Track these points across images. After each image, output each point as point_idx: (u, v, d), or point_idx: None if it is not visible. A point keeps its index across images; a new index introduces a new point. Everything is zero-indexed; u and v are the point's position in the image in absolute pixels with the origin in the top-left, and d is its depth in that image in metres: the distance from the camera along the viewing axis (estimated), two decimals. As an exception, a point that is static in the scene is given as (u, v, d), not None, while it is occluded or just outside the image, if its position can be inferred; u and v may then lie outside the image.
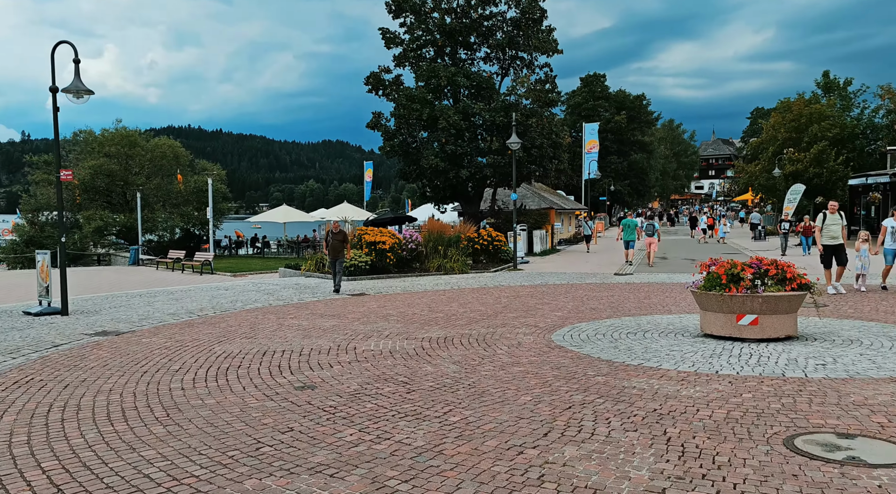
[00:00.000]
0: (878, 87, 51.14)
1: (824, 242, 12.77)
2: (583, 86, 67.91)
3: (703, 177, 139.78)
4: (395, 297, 14.45)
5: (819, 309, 8.93)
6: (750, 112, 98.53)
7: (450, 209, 34.85)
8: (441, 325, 10.32)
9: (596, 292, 14.58)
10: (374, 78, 30.20)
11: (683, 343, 8.25)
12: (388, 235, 19.89)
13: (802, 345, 7.88)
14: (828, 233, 12.72)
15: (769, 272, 8.14)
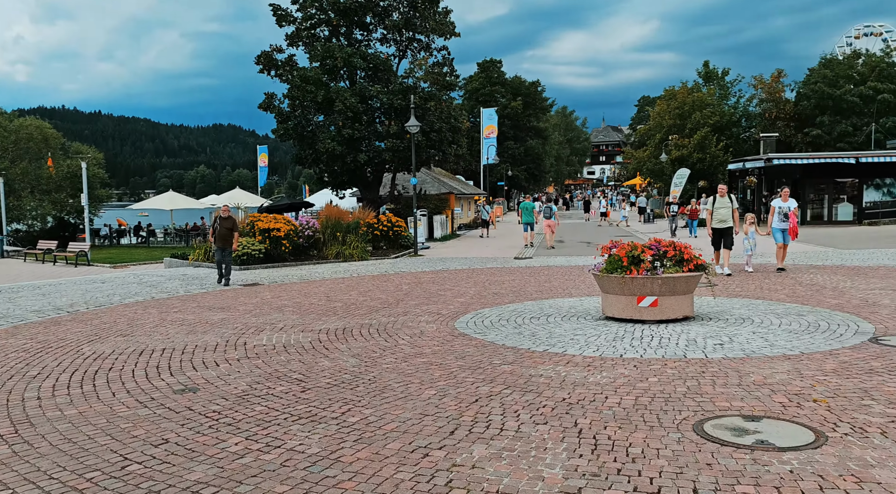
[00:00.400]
0: (752, 77, 54.72)
1: (713, 225, 12.86)
2: (480, 71, 68.35)
3: (595, 163, 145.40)
4: (290, 286, 13.74)
5: (712, 289, 9.15)
6: (637, 100, 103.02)
7: (348, 195, 34.04)
8: (339, 315, 9.80)
9: (498, 276, 14.48)
10: (265, 57, 28.81)
11: (586, 327, 8.19)
12: (284, 221, 19.00)
13: (699, 325, 8.00)
14: (717, 216, 12.80)
15: (668, 254, 8.20)
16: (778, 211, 12.92)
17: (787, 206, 12.84)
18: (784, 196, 13.06)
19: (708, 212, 13.00)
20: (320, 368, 6.54)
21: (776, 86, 49.53)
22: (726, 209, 12.78)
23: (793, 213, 12.71)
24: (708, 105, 44.15)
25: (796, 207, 12.93)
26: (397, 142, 26.65)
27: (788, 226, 12.74)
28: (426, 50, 30.07)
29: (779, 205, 12.97)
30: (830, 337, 7.07)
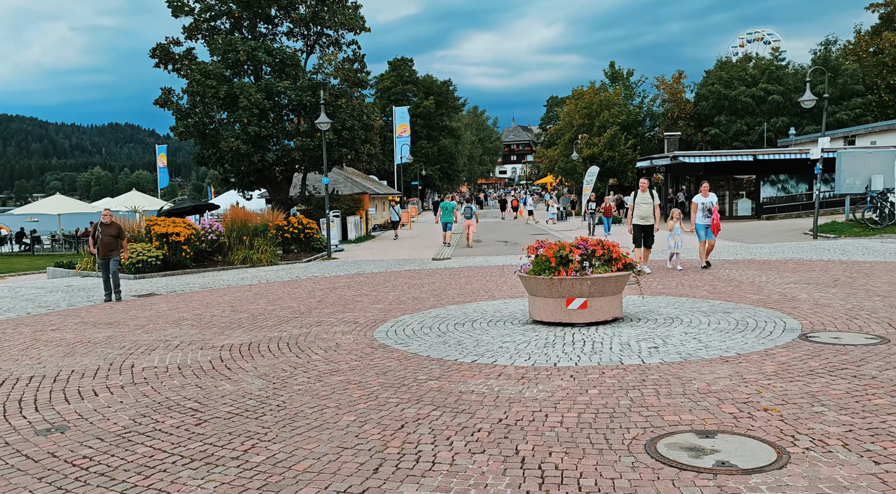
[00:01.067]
0: (655, 78, 56.80)
1: (635, 221, 12.45)
2: (391, 70, 67.59)
3: (506, 162, 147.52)
4: (191, 296, 12.60)
5: (640, 288, 8.91)
6: (546, 100, 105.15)
7: (256, 196, 32.49)
8: (245, 328, 8.89)
9: (416, 279, 13.88)
10: (161, 50, 26.95)
11: (514, 333, 7.71)
12: (184, 225, 17.64)
13: (630, 326, 7.69)
14: (638, 212, 12.39)
15: (596, 253, 7.85)
16: (700, 207, 12.73)
17: (710, 201, 12.64)
18: (704, 191, 12.82)
19: (629, 208, 12.60)
20: (220, 393, 5.71)
21: (677, 87, 51.60)
22: (648, 205, 12.38)
23: (714, 208, 12.63)
24: (615, 105, 45.30)
25: (717, 202, 12.87)
26: (307, 140, 25.55)
27: (711, 221, 12.63)
28: (335, 45, 29.06)
29: (701, 200, 12.75)
30: (762, 336, 6.89)
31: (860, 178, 19.99)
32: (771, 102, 46.60)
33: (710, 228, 12.67)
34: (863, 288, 9.65)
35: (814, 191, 32.09)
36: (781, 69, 49.26)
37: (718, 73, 49.86)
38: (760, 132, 46.56)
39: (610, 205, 21.22)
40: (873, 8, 53.25)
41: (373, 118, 28.49)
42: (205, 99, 25.60)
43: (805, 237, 19.67)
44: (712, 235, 12.76)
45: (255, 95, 24.59)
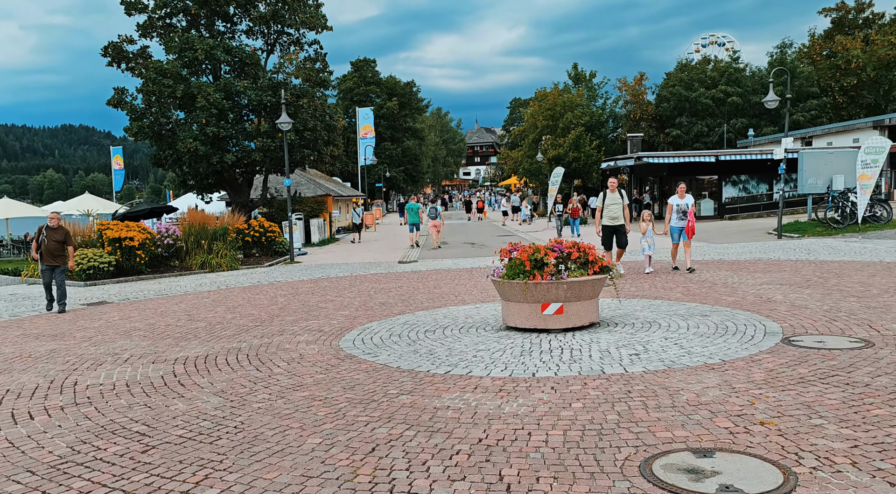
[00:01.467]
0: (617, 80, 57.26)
1: (604, 222, 11.94)
2: (354, 71, 66.86)
3: (470, 163, 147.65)
4: (145, 304, 11.94)
5: (617, 291, 8.63)
6: (509, 102, 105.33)
7: (216, 199, 31.60)
8: (202, 338, 8.36)
9: (383, 283, 13.44)
10: (114, 49, 25.98)
11: (488, 340, 7.36)
12: (138, 229, 16.88)
13: (607, 332, 7.40)
14: (608, 213, 11.91)
15: (571, 256, 7.55)
16: (676, 208, 12.24)
17: (685, 203, 12.15)
18: (681, 192, 12.30)
19: (598, 209, 12.02)
20: (172, 413, 5.22)
21: (639, 88, 52.08)
22: (618, 206, 11.88)
23: (690, 210, 12.14)
24: (578, 106, 45.45)
25: (693, 203, 12.39)
26: (268, 141, 24.85)
27: (686, 224, 12.11)
28: (296, 44, 28.41)
29: (676, 202, 12.28)
30: (744, 340, 6.67)
31: (822, 178, 20.25)
32: (730, 104, 47.34)
33: (684, 231, 12.15)
34: (836, 288, 9.56)
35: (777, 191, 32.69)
36: (740, 72, 50.13)
37: (679, 74, 50.50)
38: (720, 133, 47.28)
39: (577, 206, 20.97)
40: (826, 12, 54.66)
41: (336, 119, 27.90)
42: (161, 99, 24.71)
43: (770, 237, 19.80)
44: (686, 237, 12.22)
45: (214, 95, 23.82)
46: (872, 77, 46.54)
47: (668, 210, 12.42)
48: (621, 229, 12.03)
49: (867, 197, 16.95)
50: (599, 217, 12.13)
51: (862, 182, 16.47)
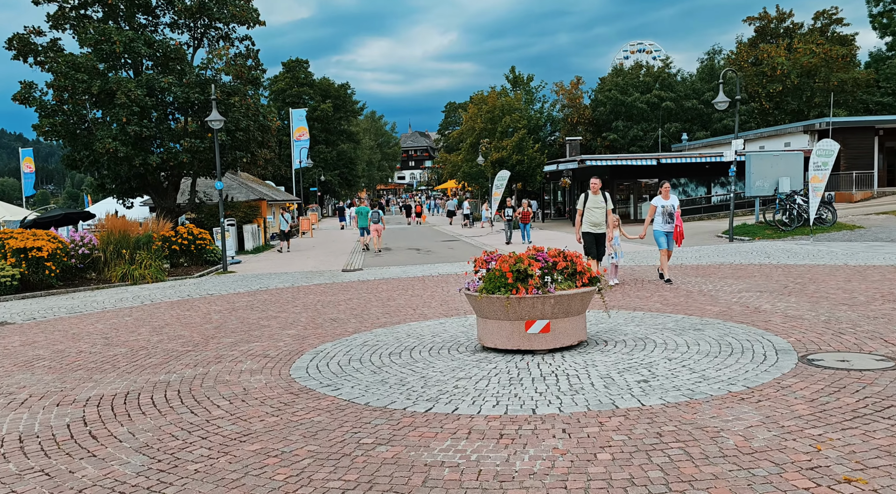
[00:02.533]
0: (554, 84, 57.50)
1: (585, 228, 10.53)
2: (286, 71, 64.79)
3: (405, 168, 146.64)
4: (54, 325, 10.37)
5: (606, 304, 7.80)
6: (444, 106, 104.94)
7: (138, 204, 29.38)
8: (122, 369, 7.03)
9: (330, 295, 12.25)
10: (20, 41, 23.62)
11: (466, 365, 6.37)
12: (47, 238, 15.06)
13: (600, 352, 6.54)
14: (589, 218, 10.50)
15: (557, 266, 6.66)
16: (661, 210, 10.99)
17: (671, 204, 10.95)
18: (665, 193, 11.17)
19: (579, 212, 10.58)
20: (78, 485, 3.99)
21: (575, 92, 52.37)
22: (601, 210, 10.49)
23: (677, 212, 10.92)
24: (516, 109, 45.18)
25: (679, 205, 11.10)
26: (197, 142, 23.11)
27: (673, 228, 10.93)
28: (226, 39, 26.69)
29: (661, 203, 11.04)
30: (756, 361, 5.92)
31: (769, 180, 20.30)
32: (664, 109, 48.11)
33: (671, 235, 11.00)
34: (820, 296, 9.06)
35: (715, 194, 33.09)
36: (672, 77, 51.09)
37: (614, 79, 51.03)
38: (655, 137, 47.96)
39: (529, 209, 20.17)
40: (749, 21, 56.51)
41: (269, 119, 26.35)
42: (74, 95, 22.61)
43: (720, 240, 19.65)
44: (674, 244, 11.09)
45: (136, 91, 21.93)
46: (796, 84, 48.22)
47: (650, 212, 11.25)
48: (603, 237, 10.70)
49: (818, 199, 16.94)
50: (580, 223, 10.72)
51: (813, 184, 16.43)
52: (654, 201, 11.25)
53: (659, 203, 11.16)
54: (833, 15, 55.09)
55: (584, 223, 10.59)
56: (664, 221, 11.03)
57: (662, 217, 11.05)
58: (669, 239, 11.06)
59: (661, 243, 11.10)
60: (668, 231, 11.03)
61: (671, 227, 11.01)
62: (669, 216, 10.98)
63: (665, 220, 11.02)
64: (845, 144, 31.27)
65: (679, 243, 11.15)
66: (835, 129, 30.96)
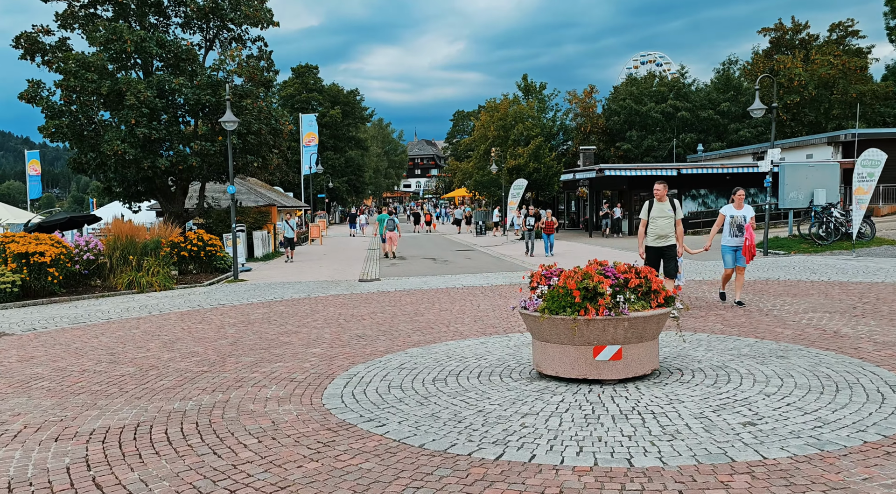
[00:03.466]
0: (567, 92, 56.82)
1: (648, 242, 8.96)
2: (295, 77, 64.26)
3: (410, 176, 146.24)
4: (56, 336, 9.56)
5: (680, 327, 6.96)
6: (453, 115, 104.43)
7: (145, 208, 28.64)
8: (131, 393, 6.21)
9: (351, 308, 11.43)
10: (28, 40, 22.93)
11: (527, 396, 5.54)
12: (51, 242, 14.29)
13: (679, 383, 5.70)
14: (654, 229, 8.89)
15: (630, 283, 5.83)
16: (730, 221, 9.62)
17: (743, 214, 9.60)
18: (738, 201, 9.71)
19: (642, 223, 9.05)
20: (82, 556, 3.16)
21: (589, 101, 51.66)
22: (667, 220, 8.83)
23: (749, 225, 9.53)
24: (528, 117, 44.48)
25: (753, 217, 9.69)
26: (207, 145, 22.35)
27: (743, 243, 9.54)
28: (238, 41, 26.01)
29: (731, 212, 9.70)
30: (875, 400, 5.08)
31: (803, 192, 19.47)
32: (680, 119, 47.34)
33: (740, 251, 9.62)
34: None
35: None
36: (687, 87, 50.36)
37: (628, 88, 50.32)
38: (670, 148, 47.17)
39: (553, 220, 19.20)
40: (764, 32, 55.83)
41: (282, 122, 25.61)
42: (83, 95, 21.91)
43: (752, 253, 18.77)
44: (744, 260, 9.64)
45: (145, 92, 21.21)
46: (814, 95, 47.45)
47: (718, 222, 9.89)
48: (671, 250, 8.97)
49: (862, 212, 16.09)
50: (643, 235, 9.12)
51: (858, 196, 15.60)
52: (724, 210, 9.95)
53: (729, 213, 9.82)
54: (849, 27, 54.44)
55: (647, 235, 9.02)
56: (732, 233, 9.71)
57: (731, 229, 9.73)
58: (738, 256, 9.74)
59: (728, 260, 9.84)
60: (737, 246, 9.72)
61: (740, 241, 9.65)
62: (739, 229, 9.67)
63: (733, 232, 9.71)
64: (871, 156, 30.45)
65: (749, 260, 9.78)
66: (860, 140, 30.15)
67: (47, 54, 23.16)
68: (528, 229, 19.67)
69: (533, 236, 19.76)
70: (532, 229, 19.51)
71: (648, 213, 8.97)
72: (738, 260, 9.72)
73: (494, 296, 12.26)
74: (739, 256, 9.69)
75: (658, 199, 8.91)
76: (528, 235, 19.80)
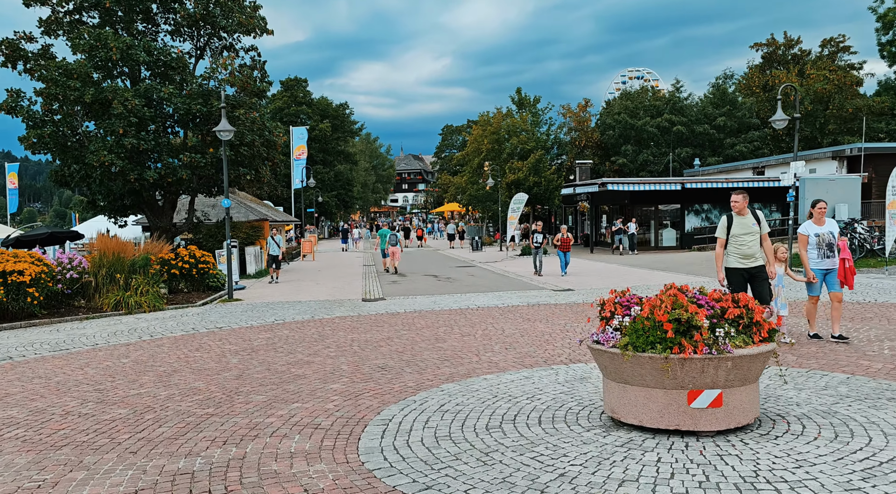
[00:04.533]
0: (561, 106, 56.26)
1: (730, 263, 7.42)
2: (284, 90, 63.29)
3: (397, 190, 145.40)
4: (34, 367, 8.44)
5: (780, 366, 6.01)
6: (441, 129, 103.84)
7: (131, 223, 27.40)
8: (124, 445, 5.15)
9: (362, 332, 10.40)
10: (9, 46, 21.78)
11: (613, 454, 4.56)
12: (31, 260, 13.14)
13: (793, 437, 4.75)
14: (736, 248, 7.36)
15: (727, 313, 4.89)
16: (816, 241, 8.16)
17: (829, 230, 8.16)
18: (818, 216, 8.23)
19: (720, 241, 7.51)
20: None
21: (583, 115, 51.15)
22: (752, 238, 7.33)
23: (842, 243, 8.16)
24: (522, 131, 43.81)
25: (839, 232, 8.34)
26: (197, 157, 21.28)
27: (836, 264, 8.11)
28: (230, 49, 25.02)
29: (815, 230, 8.20)
30: None
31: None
32: (675, 133, 46.91)
33: (833, 274, 8.13)
34: None
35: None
36: (682, 101, 50.02)
37: (623, 102, 49.89)
38: (666, 162, 46.69)
39: (568, 236, 18.15)
40: (757, 47, 55.81)
41: (275, 134, 24.61)
42: (66, 104, 20.81)
43: (772, 271, 17.96)
44: (838, 285, 8.16)
45: (133, 101, 20.15)
46: (809, 110, 47.26)
47: (802, 245, 8.28)
48: (759, 272, 7.40)
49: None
50: (721, 256, 7.55)
51: (892, 211, 14.87)
52: (804, 229, 8.36)
53: (811, 231, 8.26)
54: (840, 43, 54.54)
55: (728, 256, 7.50)
56: (820, 254, 8.17)
57: (819, 250, 8.17)
58: (831, 280, 8.16)
59: (814, 288, 8.23)
60: (828, 269, 8.16)
61: (832, 263, 8.14)
62: (829, 248, 8.14)
63: (823, 253, 8.14)
64: (876, 171, 29.97)
65: (849, 283, 8.25)
66: (866, 155, 29.69)
67: (29, 62, 22.05)
68: (536, 247, 18.68)
69: (541, 253, 18.78)
70: (539, 245, 18.53)
71: (728, 230, 7.46)
72: (831, 285, 8.18)
73: (517, 319, 11.30)
74: (831, 280, 8.19)
75: (737, 212, 7.46)
76: (535, 252, 18.79)
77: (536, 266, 18.84)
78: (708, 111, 48.73)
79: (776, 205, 31.40)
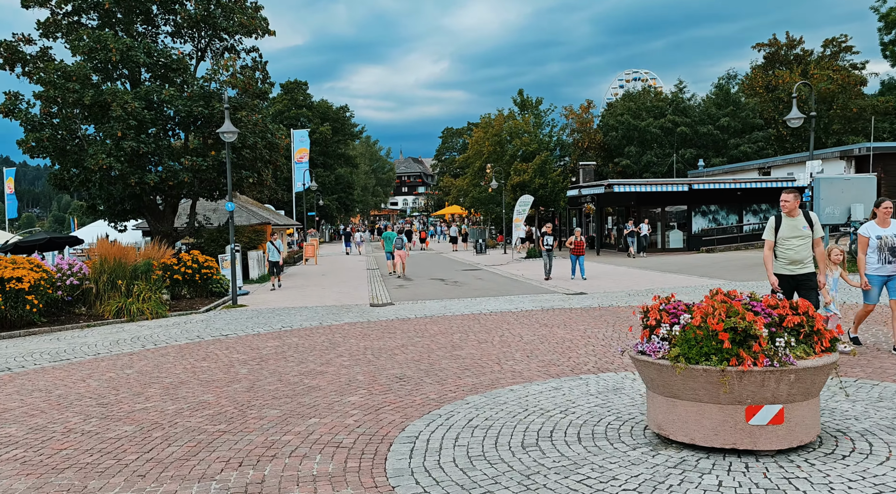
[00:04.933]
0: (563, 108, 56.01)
1: (776, 269, 6.89)
2: (284, 93, 62.98)
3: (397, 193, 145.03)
4: (34, 379, 8.05)
5: (840, 376, 5.62)
6: (441, 132, 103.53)
7: (131, 228, 27.01)
8: (131, 468, 4.76)
9: (375, 339, 10.01)
10: (7, 49, 21.46)
11: (666, 477, 4.18)
12: (30, 266, 12.75)
13: (864, 457, 4.37)
14: (786, 252, 6.81)
15: (785, 321, 4.51)
16: (877, 244, 7.46)
17: (894, 233, 7.41)
18: (883, 217, 7.48)
19: (768, 245, 6.95)
20: None
21: (586, 117, 50.83)
22: (802, 241, 6.78)
23: None
24: (525, 132, 43.47)
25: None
26: (199, 160, 20.94)
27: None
28: (231, 51, 24.65)
29: (877, 232, 7.50)
30: None
31: (840, 207, 18.37)
32: (679, 134, 46.58)
33: (894, 281, 7.44)
34: None
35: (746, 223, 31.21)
36: (686, 102, 49.71)
37: (626, 103, 49.58)
38: (670, 164, 46.35)
39: (581, 239, 17.64)
40: (759, 47, 55.54)
41: (278, 136, 24.24)
42: (64, 107, 20.45)
43: (788, 273, 17.60)
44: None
45: (132, 103, 19.78)
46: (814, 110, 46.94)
47: (862, 247, 7.59)
48: (810, 280, 6.86)
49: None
50: (770, 259, 6.97)
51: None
52: (865, 230, 7.64)
53: (873, 233, 7.52)
54: (843, 43, 54.25)
55: (777, 260, 6.94)
56: (881, 259, 7.44)
57: (879, 254, 7.45)
58: (893, 285, 7.44)
59: (871, 295, 7.59)
60: (889, 275, 7.44)
61: (894, 268, 7.40)
62: (891, 252, 7.41)
63: (884, 258, 7.42)
64: (886, 170, 29.65)
65: None
66: (875, 155, 29.36)
67: (28, 64, 21.71)
68: (547, 249, 18.27)
69: (551, 256, 18.38)
70: (550, 248, 18.12)
71: (776, 232, 6.90)
72: (893, 292, 7.48)
73: (533, 324, 10.92)
74: (893, 286, 7.47)
75: (787, 213, 6.83)
76: (545, 255, 18.37)
77: (546, 270, 18.43)
78: (711, 112, 48.42)
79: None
